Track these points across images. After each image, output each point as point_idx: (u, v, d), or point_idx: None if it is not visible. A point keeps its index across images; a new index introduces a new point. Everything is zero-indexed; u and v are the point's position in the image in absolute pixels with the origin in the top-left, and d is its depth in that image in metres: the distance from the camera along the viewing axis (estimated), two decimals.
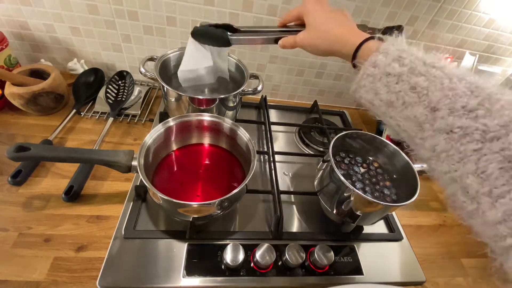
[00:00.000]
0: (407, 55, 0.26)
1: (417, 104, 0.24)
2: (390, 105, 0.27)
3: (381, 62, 0.27)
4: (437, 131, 0.23)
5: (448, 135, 0.23)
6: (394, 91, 0.26)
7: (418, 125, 0.25)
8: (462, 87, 0.23)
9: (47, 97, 0.62)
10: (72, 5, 0.64)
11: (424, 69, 0.25)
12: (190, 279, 0.43)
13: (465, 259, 0.57)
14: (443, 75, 0.24)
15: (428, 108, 0.24)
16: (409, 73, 0.25)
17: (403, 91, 0.25)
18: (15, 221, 0.47)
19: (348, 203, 0.46)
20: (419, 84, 0.24)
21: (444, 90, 0.23)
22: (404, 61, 0.25)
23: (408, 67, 0.25)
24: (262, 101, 0.78)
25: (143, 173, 0.42)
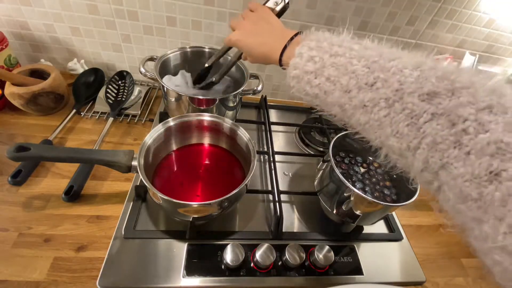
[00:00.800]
0: (317, 53, 0.30)
1: (334, 90, 0.28)
2: (316, 97, 0.31)
3: (298, 65, 0.31)
4: (354, 108, 0.27)
5: (363, 109, 0.26)
6: (315, 85, 0.30)
7: (341, 107, 0.29)
8: (361, 66, 0.27)
9: (47, 97, 0.62)
10: (72, 5, 0.64)
11: (331, 60, 0.29)
12: (190, 279, 0.43)
13: (465, 259, 0.57)
14: (345, 61, 0.28)
15: (342, 92, 0.28)
16: (321, 68, 0.29)
17: (322, 83, 0.29)
18: (15, 221, 0.47)
19: (348, 203, 0.46)
20: (331, 74, 0.28)
21: (349, 74, 0.27)
22: (315, 59, 0.30)
23: (319, 63, 0.29)
24: (262, 101, 0.78)
25: (143, 173, 0.42)
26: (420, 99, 0.23)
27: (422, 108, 0.22)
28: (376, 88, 0.25)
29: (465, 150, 0.20)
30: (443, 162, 0.21)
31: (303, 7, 0.67)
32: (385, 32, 0.73)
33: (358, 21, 0.70)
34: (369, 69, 0.26)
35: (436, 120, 0.22)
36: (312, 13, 0.68)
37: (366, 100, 0.26)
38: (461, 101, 0.21)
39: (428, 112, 0.22)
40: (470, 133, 0.20)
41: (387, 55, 0.26)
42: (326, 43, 0.30)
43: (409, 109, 0.23)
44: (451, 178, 0.21)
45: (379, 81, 0.25)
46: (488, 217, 0.19)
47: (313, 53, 0.30)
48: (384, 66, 0.25)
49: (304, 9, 0.67)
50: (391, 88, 0.24)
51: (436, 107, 0.22)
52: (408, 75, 0.24)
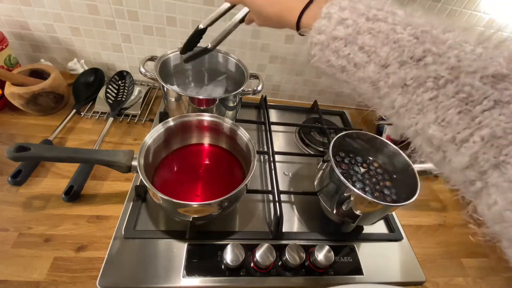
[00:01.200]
0: (350, 14, 0.24)
1: (368, 63, 0.24)
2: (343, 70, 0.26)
3: (326, 28, 0.25)
4: (391, 87, 0.23)
5: (403, 89, 0.22)
6: (344, 55, 0.25)
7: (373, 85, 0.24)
8: (407, 35, 0.22)
9: (47, 97, 0.62)
10: (72, 5, 0.64)
11: (368, 25, 0.24)
12: (190, 279, 0.43)
13: (465, 259, 0.57)
14: (387, 27, 0.23)
15: (378, 66, 0.23)
16: (355, 34, 0.24)
17: (352, 53, 0.24)
18: (15, 221, 0.47)
19: (348, 203, 0.46)
20: (366, 43, 0.23)
21: (390, 44, 0.22)
22: (348, 22, 0.24)
23: (353, 27, 0.24)
24: (262, 101, 0.78)
25: (143, 173, 0.42)
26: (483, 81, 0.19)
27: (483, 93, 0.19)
28: (425, 64, 0.21)
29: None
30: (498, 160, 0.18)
31: None
32: None
33: None
34: (418, 40, 0.21)
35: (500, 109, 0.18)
36: None
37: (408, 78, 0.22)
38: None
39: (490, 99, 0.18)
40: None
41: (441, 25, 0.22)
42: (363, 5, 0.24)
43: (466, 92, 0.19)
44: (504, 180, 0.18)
45: (430, 55, 0.21)
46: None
47: (346, 15, 0.24)
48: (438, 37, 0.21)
49: None
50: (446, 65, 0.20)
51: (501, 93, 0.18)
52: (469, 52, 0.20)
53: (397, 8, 0.24)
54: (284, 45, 0.74)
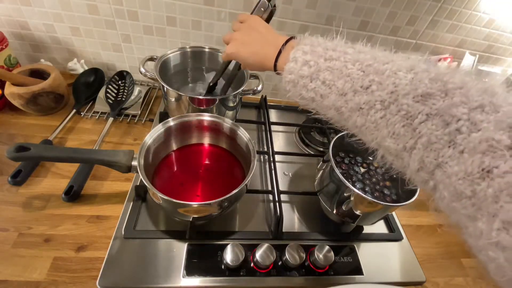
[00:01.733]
0: (311, 57, 0.30)
1: (330, 94, 0.29)
2: (313, 101, 0.31)
3: (293, 70, 0.31)
4: (351, 111, 0.28)
5: (360, 111, 0.27)
6: (311, 89, 0.30)
7: (337, 111, 0.29)
8: (356, 70, 0.27)
9: (47, 97, 0.62)
10: (72, 5, 0.64)
11: (326, 64, 0.29)
12: (190, 279, 0.43)
13: (465, 259, 0.57)
14: (341, 65, 0.28)
15: (338, 95, 0.28)
16: (317, 71, 0.29)
17: (317, 87, 0.30)
18: (15, 221, 0.47)
19: (348, 203, 0.46)
20: (326, 78, 0.29)
21: (344, 77, 0.27)
22: (310, 63, 0.30)
23: (314, 67, 0.30)
24: (262, 101, 0.78)
25: (143, 173, 0.42)
26: (415, 100, 0.23)
27: (416, 109, 0.23)
28: (371, 91, 0.26)
29: (459, 149, 0.21)
30: (438, 162, 0.22)
31: (303, 7, 0.67)
32: (385, 32, 0.73)
33: (358, 21, 0.70)
34: (364, 72, 0.27)
35: (431, 121, 0.22)
36: (312, 13, 0.68)
37: (362, 103, 0.26)
38: (454, 101, 0.21)
39: (422, 113, 0.22)
40: (463, 132, 0.20)
41: (381, 58, 0.27)
42: (321, 48, 0.30)
43: (404, 110, 0.23)
44: (446, 176, 0.21)
45: (374, 84, 0.26)
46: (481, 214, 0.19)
47: (308, 57, 0.30)
48: (379, 69, 0.26)
49: (304, 9, 0.67)
50: (386, 90, 0.25)
51: (430, 107, 0.22)
52: (402, 77, 0.24)
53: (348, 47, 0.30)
54: None
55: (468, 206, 0.20)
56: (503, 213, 0.17)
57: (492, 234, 0.18)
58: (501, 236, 0.18)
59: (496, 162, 0.18)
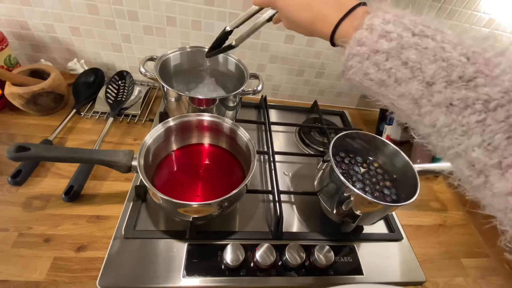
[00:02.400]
0: (394, 28, 0.23)
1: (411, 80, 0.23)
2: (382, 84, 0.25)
3: (367, 40, 0.24)
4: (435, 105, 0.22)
5: (448, 109, 0.21)
6: (385, 69, 0.24)
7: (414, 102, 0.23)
8: (457, 55, 0.21)
9: (47, 97, 0.62)
10: (72, 5, 0.64)
11: (413, 40, 0.23)
12: (190, 279, 0.43)
13: (465, 259, 0.57)
14: (435, 45, 0.22)
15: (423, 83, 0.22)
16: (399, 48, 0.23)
17: (395, 68, 0.23)
18: (15, 221, 0.47)
19: (348, 203, 0.46)
20: (410, 59, 0.22)
21: (438, 62, 0.21)
22: (391, 35, 0.23)
23: (397, 41, 0.23)
24: (262, 101, 0.78)
25: (143, 173, 0.42)
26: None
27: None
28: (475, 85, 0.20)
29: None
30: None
31: None
32: None
33: None
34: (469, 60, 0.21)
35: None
36: None
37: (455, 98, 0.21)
38: None
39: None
40: None
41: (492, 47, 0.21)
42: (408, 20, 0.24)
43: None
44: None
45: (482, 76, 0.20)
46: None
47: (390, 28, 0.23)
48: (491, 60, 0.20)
49: None
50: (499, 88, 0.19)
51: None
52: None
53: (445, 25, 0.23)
54: (284, 45, 0.74)
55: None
56: None
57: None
58: None
59: None
